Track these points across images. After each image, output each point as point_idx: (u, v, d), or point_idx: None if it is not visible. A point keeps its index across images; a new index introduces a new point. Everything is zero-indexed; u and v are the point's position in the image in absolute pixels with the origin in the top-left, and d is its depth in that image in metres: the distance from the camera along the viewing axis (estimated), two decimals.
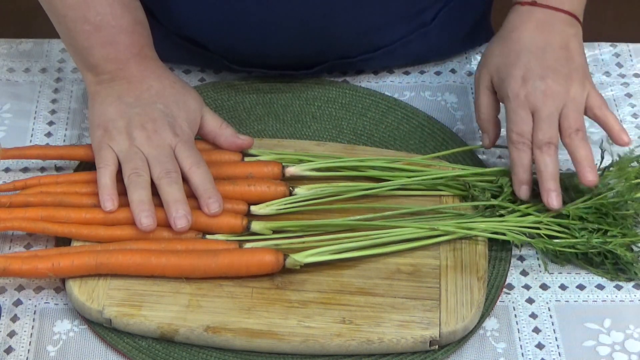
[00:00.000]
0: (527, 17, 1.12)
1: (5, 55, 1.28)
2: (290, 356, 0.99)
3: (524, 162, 1.06)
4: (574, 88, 1.07)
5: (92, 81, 1.11)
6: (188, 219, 1.02)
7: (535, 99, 1.07)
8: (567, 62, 1.09)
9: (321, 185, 1.09)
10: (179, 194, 1.03)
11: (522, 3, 1.12)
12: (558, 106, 1.07)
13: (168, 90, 1.10)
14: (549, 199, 1.05)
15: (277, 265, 1.01)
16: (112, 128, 1.07)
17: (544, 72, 1.08)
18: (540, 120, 1.06)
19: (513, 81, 1.08)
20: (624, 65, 1.30)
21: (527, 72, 1.08)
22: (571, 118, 1.06)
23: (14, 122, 1.20)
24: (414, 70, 1.28)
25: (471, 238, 1.06)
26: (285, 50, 1.20)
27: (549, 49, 1.09)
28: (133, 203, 1.02)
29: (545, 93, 1.07)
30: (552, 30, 1.10)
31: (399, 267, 1.04)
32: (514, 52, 1.10)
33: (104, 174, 1.05)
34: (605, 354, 1.01)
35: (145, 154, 1.05)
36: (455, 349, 1.00)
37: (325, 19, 1.17)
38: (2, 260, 1.00)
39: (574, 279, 1.07)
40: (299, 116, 1.21)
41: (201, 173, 1.05)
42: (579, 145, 1.05)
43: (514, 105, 1.07)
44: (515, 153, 1.07)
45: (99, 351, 1.00)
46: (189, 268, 1.01)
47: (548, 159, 1.05)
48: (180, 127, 1.08)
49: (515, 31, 1.11)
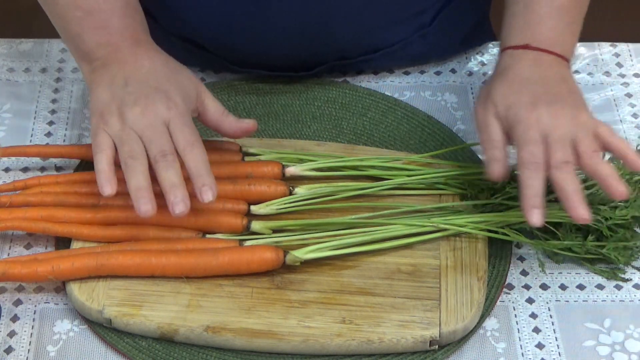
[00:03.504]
0: (519, 57, 1.10)
1: (5, 55, 1.28)
2: (291, 356, 0.99)
3: (536, 183, 1.00)
4: (583, 115, 1.05)
5: (87, 70, 1.09)
6: (186, 203, 0.99)
7: (546, 122, 1.03)
8: (569, 93, 1.07)
9: (321, 185, 1.10)
10: (175, 178, 1.00)
11: (514, 47, 1.11)
12: (569, 130, 1.03)
13: (160, 68, 1.08)
14: (577, 216, 0.98)
15: (277, 262, 1.01)
16: (105, 111, 1.04)
17: (552, 98, 1.05)
18: (554, 142, 1.02)
19: (523, 107, 1.05)
20: (624, 65, 1.30)
21: (535, 98, 1.05)
22: (586, 141, 1.02)
23: (14, 122, 1.20)
24: (414, 70, 1.28)
25: (471, 238, 1.06)
26: (285, 51, 1.20)
27: (550, 81, 1.08)
28: (131, 190, 1.00)
29: (556, 116, 1.03)
30: (547, 67, 1.09)
31: (399, 267, 1.04)
32: (517, 83, 1.08)
33: (100, 160, 1.01)
34: (605, 354, 1.01)
35: (139, 133, 1.02)
36: (455, 348, 1.00)
37: (325, 20, 1.17)
38: (2, 265, 1.00)
39: (574, 278, 1.07)
40: (299, 116, 1.21)
41: (195, 155, 1.02)
42: (599, 163, 1.01)
43: (525, 128, 1.03)
44: (526, 174, 1.00)
45: (99, 351, 1.00)
46: (190, 267, 1.01)
47: (569, 176, 1.00)
48: (173, 100, 1.04)
49: (511, 69, 1.10)
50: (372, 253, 1.04)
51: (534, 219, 0.99)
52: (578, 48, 1.31)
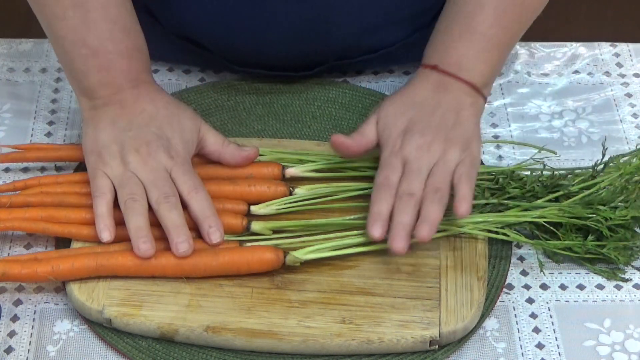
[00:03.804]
0: (425, 78, 1.12)
1: (5, 55, 1.28)
2: (290, 356, 0.99)
3: (383, 204, 1.02)
4: (452, 151, 1.05)
5: (86, 106, 1.10)
6: (190, 243, 1.01)
7: (409, 151, 1.05)
8: (453, 125, 1.08)
9: (321, 185, 1.09)
10: (179, 220, 1.02)
11: (425, 66, 1.13)
12: (430, 162, 1.05)
13: (162, 111, 1.09)
14: (392, 244, 1.00)
15: (277, 262, 1.01)
16: (105, 153, 1.05)
17: (426, 129, 1.07)
18: (409, 171, 1.04)
19: (394, 130, 1.08)
20: (624, 65, 1.30)
21: (410, 125, 1.07)
22: (437, 176, 1.04)
23: (14, 122, 1.20)
24: (414, 71, 1.28)
25: (471, 238, 1.06)
26: (285, 51, 1.20)
27: (439, 110, 1.08)
28: (131, 230, 1.01)
29: (421, 148, 1.05)
30: (447, 94, 1.10)
31: (399, 267, 1.04)
32: (404, 105, 1.10)
33: (100, 204, 1.03)
34: (605, 354, 1.01)
35: (141, 178, 1.04)
36: (455, 348, 1.00)
37: (325, 20, 1.17)
38: (1, 265, 1.00)
39: (574, 279, 1.07)
40: (299, 116, 1.21)
41: (200, 198, 1.04)
42: (430, 205, 1.02)
43: (388, 154, 1.06)
44: (376, 194, 1.03)
45: (99, 351, 1.00)
46: (190, 267, 1.01)
47: (407, 209, 1.02)
48: (175, 149, 1.06)
49: (412, 88, 1.11)
50: (372, 253, 1.04)
51: (373, 233, 1.01)
52: (578, 48, 1.31)
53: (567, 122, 1.23)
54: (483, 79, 1.11)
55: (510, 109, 1.24)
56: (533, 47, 1.31)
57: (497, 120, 1.23)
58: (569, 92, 1.26)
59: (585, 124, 1.22)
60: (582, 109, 1.24)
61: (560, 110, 1.24)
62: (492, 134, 1.21)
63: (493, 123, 1.23)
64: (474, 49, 1.11)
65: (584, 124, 1.22)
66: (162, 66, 1.27)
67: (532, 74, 1.28)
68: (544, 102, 1.25)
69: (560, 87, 1.27)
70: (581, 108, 1.24)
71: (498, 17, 1.10)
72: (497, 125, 1.22)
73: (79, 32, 1.07)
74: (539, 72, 1.29)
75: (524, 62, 1.30)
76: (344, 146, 1.09)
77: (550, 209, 1.06)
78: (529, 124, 1.23)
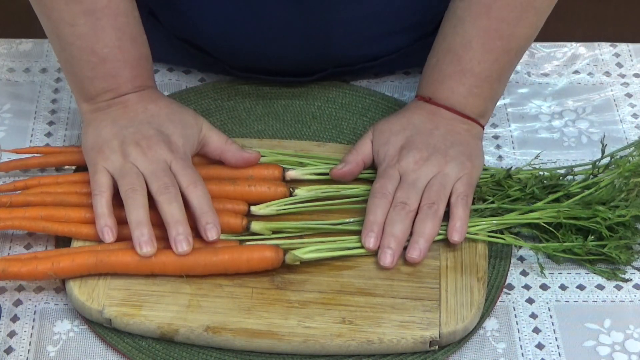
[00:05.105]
0: (421, 107, 1.13)
1: (5, 55, 1.28)
2: (290, 356, 0.99)
3: (378, 211, 1.04)
4: (451, 165, 1.07)
5: (87, 110, 1.10)
6: (189, 240, 1.01)
7: (407, 164, 1.07)
8: (452, 144, 1.09)
9: (321, 187, 1.10)
10: (178, 213, 1.02)
11: (420, 98, 1.14)
12: (427, 176, 1.06)
13: (163, 110, 1.09)
14: (380, 258, 1.02)
15: (277, 261, 1.01)
16: (105, 148, 1.06)
17: (424, 147, 1.08)
18: (405, 182, 1.06)
19: (391, 147, 1.09)
20: (624, 65, 1.30)
21: (407, 143, 1.09)
22: (433, 190, 1.05)
23: (14, 122, 1.20)
24: (414, 71, 1.28)
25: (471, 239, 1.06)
26: (285, 58, 1.20)
27: (437, 132, 1.10)
28: (131, 224, 1.01)
29: (418, 162, 1.07)
30: (440, 120, 1.11)
31: (399, 268, 1.04)
32: (401, 125, 1.11)
33: (99, 202, 1.03)
34: (605, 354, 1.01)
35: (141, 169, 1.04)
36: (455, 349, 1.00)
37: (327, 31, 1.16)
38: (1, 263, 1.00)
39: (574, 279, 1.07)
40: (299, 116, 1.21)
41: (199, 193, 1.04)
42: (424, 220, 1.03)
43: (385, 166, 1.08)
44: (372, 201, 1.05)
45: (99, 351, 1.00)
46: (189, 265, 1.01)
47: (399, 218, 1.03)
48: (175, 144, 1.07)
49: (409, 113, 1.13)
50: (372, 253, 1.04)
51: (367, 244, 1.03)
52: (578, 48, 1.31)
53: (567, 122, 1.23)
54: (477, 110, 1.13)
55: (510, 109, 1.25)
56: (533, 47, 1.31)
57: (497, 120, 1.23)
58: (569, 92, 1.26)
59: (585, 124, 1.22)
60: (582, 109, 1.24)
61: (560, 110, 1.24)
62: (492, 134, 1.21)
63: (493, 123, 1.23)
64: (465, 85, 1.12)
65: (584, 124, 1.22)
66: (162, 66, 1.28)
67: (532, 74, 1.28)
68: (544, 102, 1.25)
69: (560, 87, 1.27)
70: (581, 108, 1.24)
71: (486, 52, 1.11)
72: (497, 126, 1.22)
73: (88, 39, 1.07)
74: (539, 72, 1.29)
75: (524, 62, 1.29)
76: (341, 174, 1.10)
77: (549, 210, 1.06)
78: (529, 124, 1.23)
